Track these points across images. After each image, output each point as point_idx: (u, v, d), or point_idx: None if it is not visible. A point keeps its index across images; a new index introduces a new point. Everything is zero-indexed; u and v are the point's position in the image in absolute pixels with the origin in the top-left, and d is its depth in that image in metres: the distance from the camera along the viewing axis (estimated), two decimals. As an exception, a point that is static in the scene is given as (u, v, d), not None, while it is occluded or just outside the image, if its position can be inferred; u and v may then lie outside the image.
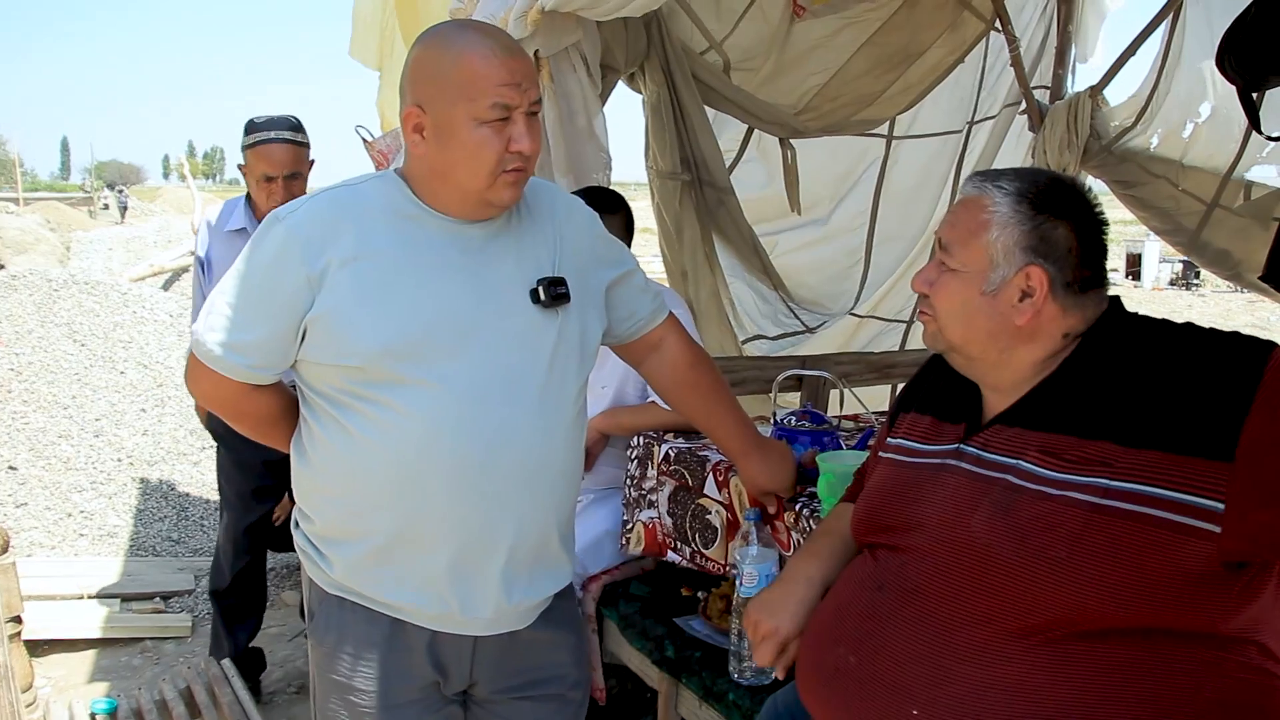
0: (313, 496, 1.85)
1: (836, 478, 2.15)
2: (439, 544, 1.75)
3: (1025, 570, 1.38)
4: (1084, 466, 1.39)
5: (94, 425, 6.30)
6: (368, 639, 1.81)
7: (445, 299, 1.71)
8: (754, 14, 4.33)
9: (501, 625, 1.85)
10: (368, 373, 1.68)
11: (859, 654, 1.53)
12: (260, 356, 1.73)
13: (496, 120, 1.66)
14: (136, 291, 8.36)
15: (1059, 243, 1.50)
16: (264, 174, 3.29)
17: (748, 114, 4.25)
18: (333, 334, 1.68)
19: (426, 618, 1.80)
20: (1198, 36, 4.70)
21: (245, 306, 1.71)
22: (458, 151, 1.67)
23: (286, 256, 1.68)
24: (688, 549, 2.66)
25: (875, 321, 5.45)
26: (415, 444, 1.70)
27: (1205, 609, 1.33)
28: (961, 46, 4.74)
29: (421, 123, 1.69)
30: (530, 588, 1.86)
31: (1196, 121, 4.86)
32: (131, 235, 14.61)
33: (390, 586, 1.78)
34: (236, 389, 1.78)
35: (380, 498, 1.74)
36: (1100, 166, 4.85)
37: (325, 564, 1.83)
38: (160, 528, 5.45)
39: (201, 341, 1.74)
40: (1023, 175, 1.56)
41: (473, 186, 1.70)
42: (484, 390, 1.72)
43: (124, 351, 7.21)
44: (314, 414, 1.79)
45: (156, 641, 4.27)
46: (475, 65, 1.64)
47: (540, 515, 1.83)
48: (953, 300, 1.57)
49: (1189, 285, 24.12)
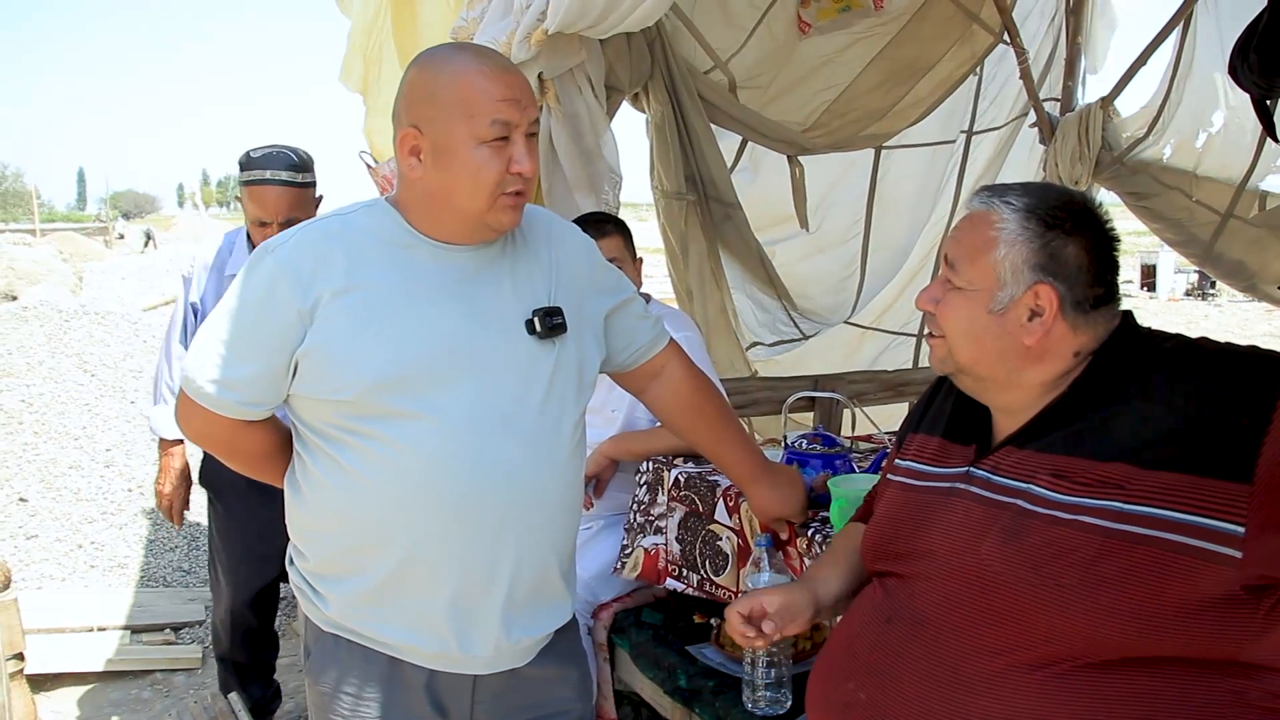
0: (307, 533, 1.81)
1: (849, 502, 2.10)
2: (436, 581, 1.71)
3: (1038, 599, 1.34)
4: (1097, 489, 1.35)
5: (105, 456, 6.28)
6: (366, 678, 1.77)
7: (440, 329, 1.68)
8: (760, 32, 4.33)
9: (502, 663, 1.81)
10: (361, 406, 1.65)
11: (869, 690, 1.49)
12: (253, 392, 1.70)
13: (496, 140, 1.63)
14: (148, 321, 8.39)
15: (1069, 260, 1.46)
16: (258, 218, 3.02)
17: (754, 132, 4.23)
18: (325, 368, 1.65)
19: (424, 656, 1.76)
20: (1209, 46, 4.67)
21: (236, 342, 1.67)
22: (458, 173, 1.64)
23: (277, 290, 1.64)
24: (695, 576, 2.61)
25: (880, 334, 5.42)
26: (411, 478, 1.66)
27: (1226, 637, 1.29)
28: (971, 59, 4.72)
29: (419, 145, 1.66)
30: (531, 625, 1.82)
31: (1209, 131, 4.82)
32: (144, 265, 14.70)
33: (386, 625, 1.75)
34: (230, 426, 1.74)
35: (375, 534, 1.70)
36: (1113, 178, 4.82)
37: (321, 602, 1.79)
38: (171, 558, 5.42)
39: (193, 379, 1.70)
40: (1031, 191, 1.52)
41: (473, 209, 1.67)
42: (480, 422, 1.68)
43: (135, 381, 7.21)
44: (307, 449, 1.75)
45: (167, 673, 4.23)
46: (474, 82, 1.62)
47: (540, 550, 1.79)
48: (959, 319, 1.53)
49: (1205, 296, 24.03)
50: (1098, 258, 1.48)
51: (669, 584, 2.70)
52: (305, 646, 1.87)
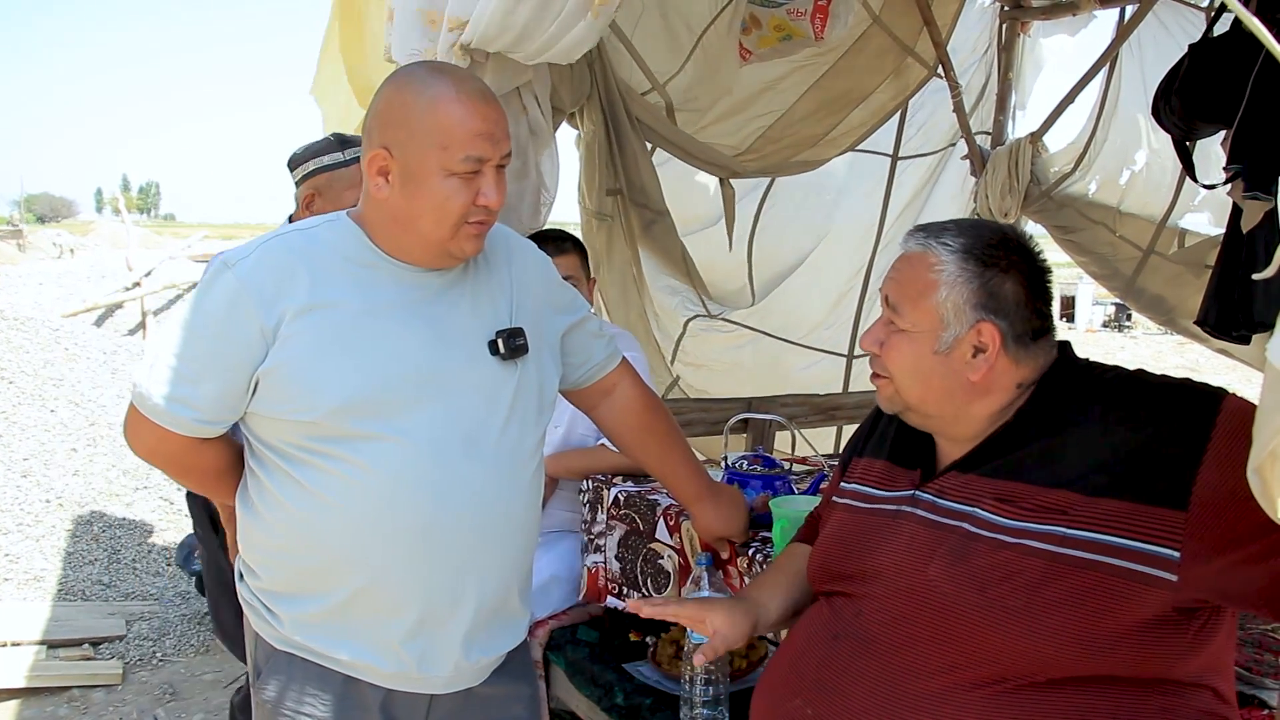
0: (261, 551, 1.77)
1: (790, 523, 2.13)
2: (400, 603, 1.70)
3: (983, 619, 1.38)
4: (1041, 515, 1.39)
5: (21, 465, 6.12)
6: (319, 697, 1.74)
7: (403, 351, 1.67)
8: (698, 56, 4.36)
9: (459, 683, 1.81)
10: (324, 427, 1.63)
11: (815, 705, 1.51)
12: (209, 410, 1.66)
13: (467, 173, 1.62)
14: (69, 328, 8.20)
15: (1008, 296, 1.50)
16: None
17: (687, 154, 4.27)
18: (287, 388, 1.62)
19: (382, 676, 1.74)
20: (1133, 87, 4.85)
21: (193, 358, 1.64)
22: (424, 200, 1.63)
23: (239, 306, 1.61)
24: (636, 594, 2.62)
25: (812, 351, 5.49)
26: (376, 501, 1.65)
27: (1159, 656, 1.34)
28: (904, 91, 4.83)
29: (388, 167, 1.64)
30: (489, 644, 1.82)
31: (1133, 169, 5.00)
32: (63, 270, 14.32)
33: (344, 644, 1.72)
34: (183, 444, 1.71)
35: (338, 555, 1.68)
36: (1040, 212, 4.95)
37: (274, 620, 1.76)
38: (90, 571, 5.30)
39: (146, 395, 1.66)
40: (965, 230, 1.56)
41: (435, 236, 1.66)
42: (444, 445, 1.68)
43: (55, 389, 7.04)
44: (263, 467, 1.72)
45: (85, 690, 4.13)
46: (451, 113, 1.60)
47: (502, 572, 1.79)
48: (905, 361, 1.57)
49: (1121, 327, 24.63)
50: (1033, 291, 1.53)
51: (610, 602, 2.71)
52: (254, 664, 1.83)
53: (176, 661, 4.45)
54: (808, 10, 4.13)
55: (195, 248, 17.80)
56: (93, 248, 21.67)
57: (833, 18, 4.16)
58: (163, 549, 5.75)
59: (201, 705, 3.82)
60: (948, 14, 4.72)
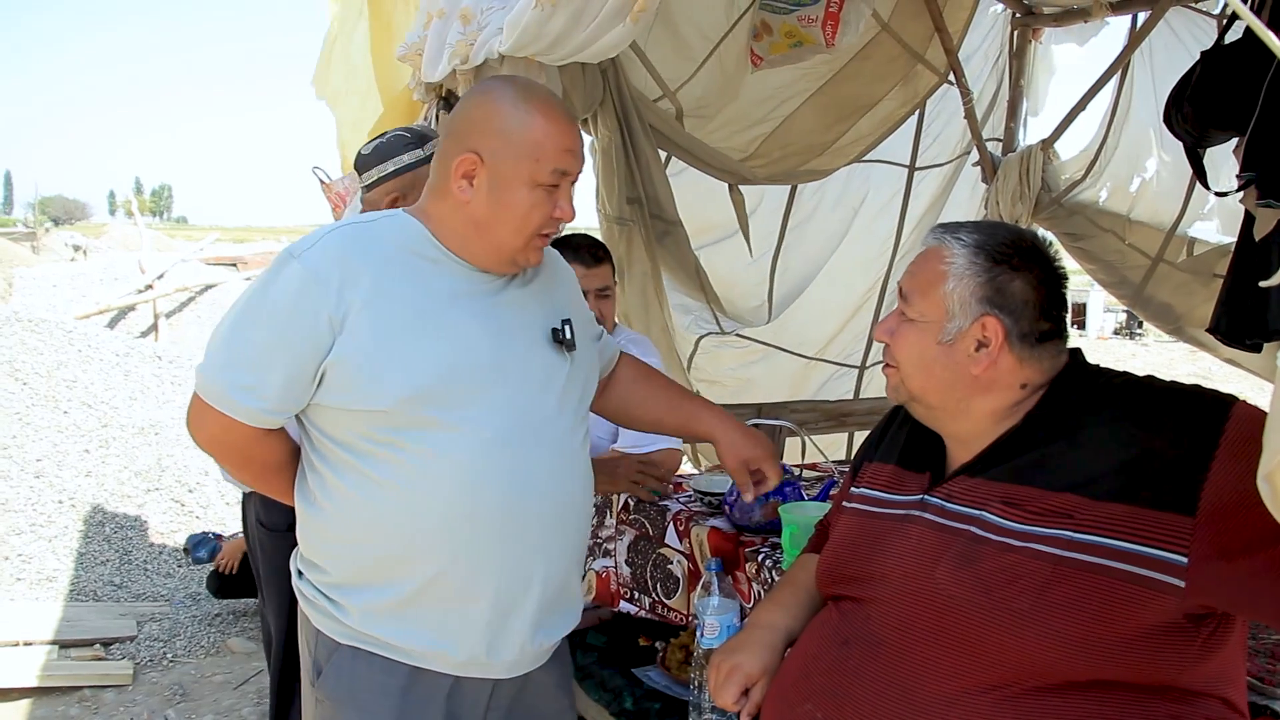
0: (326, 545, 1.79)
1: (800, 529, 2.14)
2: (476, 589, 1.73)
3: (990, 623, 1.38)
4: (1047, 518, 1.39)
5: (34, 466, 6.15)
6: (383, 691, 1.74)
7: (467, 341, 1.70)
8: (711, 64, 4.38)
9: (522, 666, 1.83)
10: (392, 417, 1.65)
11: (826, 710, 1.52)
12: (276, 400, 1.68)
13: (550, 185, 1.69)
14: (82, 330, 8.23)
15: (1015, 294, 1.52)
16: None
17: (697, 160, 4.28)
18: (355, 378, 1.65)
19: (452, 664, 1.76)
20: (1144, 95, 4.84)
21: (260, 348, 1.66)
22: (508, 209, 1.70)
23: (306, 296, 1.63)
24: (647, 599, 2.63)
25: (826, 365, 5.48)
26: (447, 490, 1.68)
27: (1166, 663, 1.34)
28: (914, 99, 4.82)
29: (475, 171, 1.70)
30: (553, 627, 1.86)
31: (1143, 177, 4.99)
32: (76, 272, 14.39)
33: (416, 633, 1.73)
34: (247, 434, 1.72)
35: (410, 545, 1.70)
36: (1050, 219, 4.95)
37: (340, 612, 1.76)
38: (102, 572, 5.33)
39: (212, 384, 1.68)
40: (982, 228, 1.59)
41: (510, 244, 1.73)
42: (509, 433, 1.72)
43: (68, 391, 7.07)
44: (325, 460, 1.74)
45: (96, 690, 4.15)
46: (546, 129, 1.69)
47: (565, 555, 1.84)
48: (910, 350, 1.59)
49: (1133, 335, 24.59)
50: (1044, 293, 1.53)
51: (623, 606, 2.71)
52: (314, 663, 1.81)
53: (187, 663, 4.47)
54: (819, 17, 4.14)
55: (207, 250, 17.89)
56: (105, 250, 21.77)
57: (843, 24, 4.16)
58: (174, 550, 5.78)
59: (211, 706, 3.84)
60: (959, 20, 4.72)
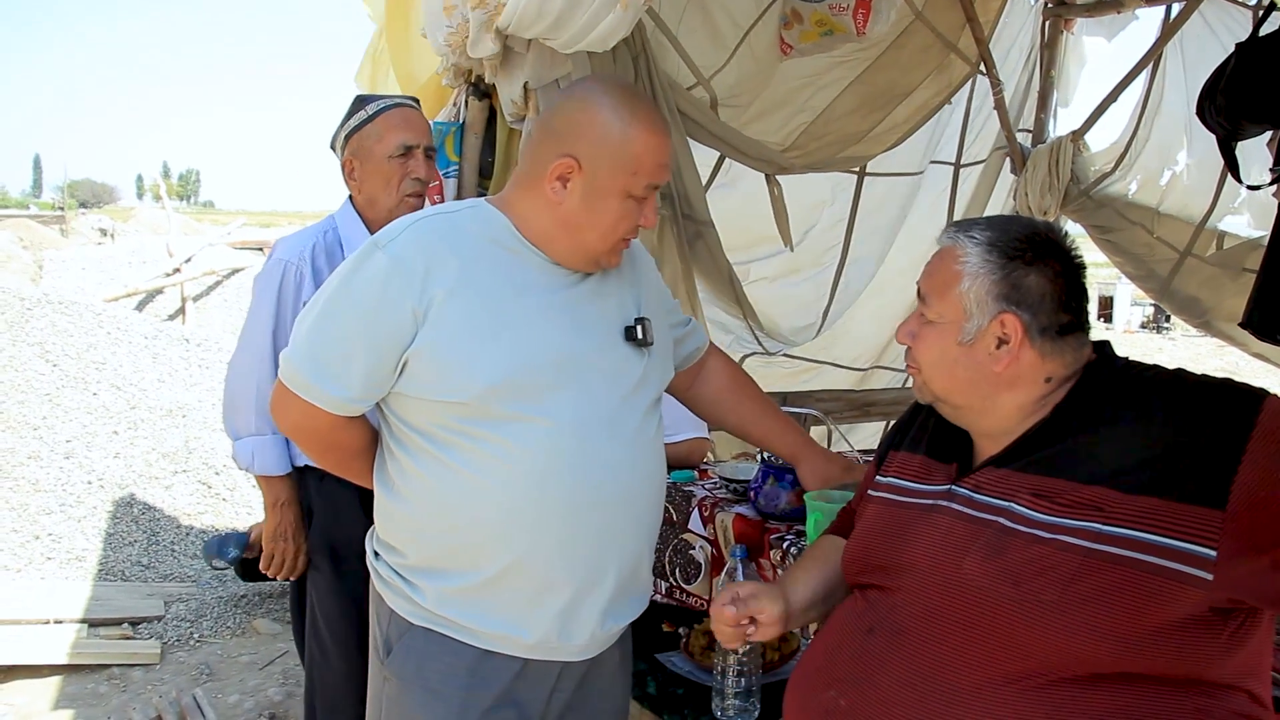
0: (405, 530, 1.82)
1: (824, 516, 2.15)
2: (552, 577, 1.75)
3: (1017, 614, 1.38)
4: (1076, 511, 1.39)
5: (64, 447, 6.22)
6: (450, 671, 1.78)
7: (546, 335, 1.73)
8: (742, 51, 4.36)
9: (591, 650, 1.86)
10: (473, 408, 1.68)
11: (849, 697, 1.53)
12: (359, 389, 1.71)
13: (641, 197, 1.73)
14: (111, 312, 8.29)
15: (1031, 289, 1.51)
16: (403, 143, 2.60)
17: (734, 150, 4.26)
18: (438, 369, 1.67)
19: (522, 646, 1.79)
20: (1176, 87, 4.81)
21: (344, 337, 1.69)
22: (600, 215, 1.73)
23: (391, 286, 1.66)
24: (664, 584, 2.64)
25: (883, 372, 5.49)
26: (526, 480, 1.70)
27: (1192, 656, 1.34)
28: (947, 88, 4.79)
29: (572, 175, 1.72)
30: (622, 613, 1.89)
31: (1174, 170, 4.96)
32: (105, 255, 14.50)
33: (489, 617, 1.76)
34: (329, 421, 1.76)
35: (489, 533, 1.73)
36: (1079, 211, 4.93)
37: (416, 593, 1.80)
38: (130, 552, 5.38)
39: (297, 370, 1.71)
40: (994, 224, 1.58)
41: (596, 248, 1.76)
42: (589, 425, 1.74)
43: (97, 373, 7.14)
44: (405, 448, 1.77)
45: (124, 668, 4.21)
46: (646, 143, 1.72)
47: (638, 543, 1.87)
48: (931, 351, 1.59)
49: (1160, 329, 24.45)
50: (1062, 285, 1.52)
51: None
52: (385, 642, 1.86)
53: (213, 643, 4.53)
54: (850, 5, 4.13)
55: (234, 234, 17.95)
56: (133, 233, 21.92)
57: (874, 13, 4.15)
58: (200, 532, 5.84)
59: (238, 686, 3.88)
60: (990, 10, 4.70)
